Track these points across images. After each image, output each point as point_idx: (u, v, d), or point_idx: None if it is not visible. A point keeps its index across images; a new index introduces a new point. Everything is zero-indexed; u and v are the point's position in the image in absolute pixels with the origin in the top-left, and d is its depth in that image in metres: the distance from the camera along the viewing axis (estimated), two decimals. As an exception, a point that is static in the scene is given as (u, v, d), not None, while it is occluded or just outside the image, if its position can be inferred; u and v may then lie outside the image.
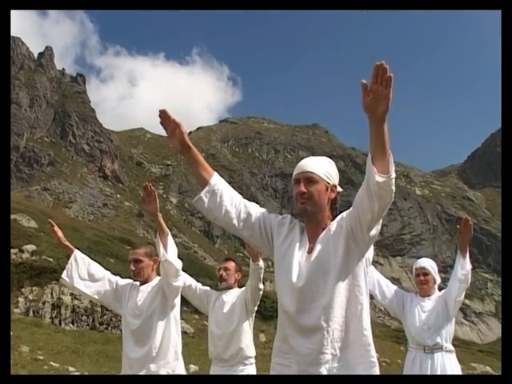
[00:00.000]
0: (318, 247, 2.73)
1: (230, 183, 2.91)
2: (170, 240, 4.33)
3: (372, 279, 4.90)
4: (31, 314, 20.06)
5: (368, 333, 2.71)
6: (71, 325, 19.79)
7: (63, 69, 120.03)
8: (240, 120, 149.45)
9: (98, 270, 4.84)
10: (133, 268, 4.61)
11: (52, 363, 14.04)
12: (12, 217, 34.79)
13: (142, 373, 4.39)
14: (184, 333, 18.52)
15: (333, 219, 2.80)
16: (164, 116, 2.70)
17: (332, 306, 2.63)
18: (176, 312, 4.62)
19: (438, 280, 4.97)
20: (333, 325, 2.63)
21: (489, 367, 23.47)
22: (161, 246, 4.26)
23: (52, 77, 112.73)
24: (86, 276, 4.75)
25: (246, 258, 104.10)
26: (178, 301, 4.62)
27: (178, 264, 4.33)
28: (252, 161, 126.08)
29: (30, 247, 26.57)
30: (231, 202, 2.80)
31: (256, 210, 2.88)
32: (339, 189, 2.85)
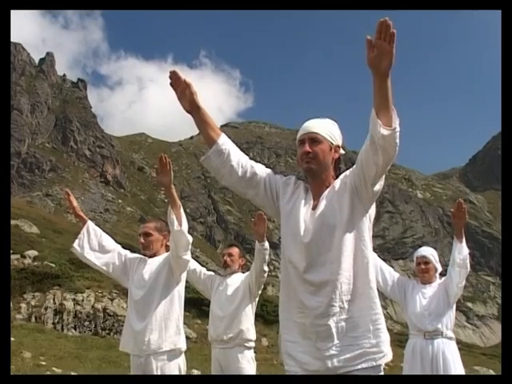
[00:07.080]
0: (322, 204, 2.81)
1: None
2: (183, 213, 4.33)
3: (375, 267, 4.90)
4: (33, 319, 20.04)
5: (374, 286, 2.77)
6: (73, 330, 19.78)
7: (64, 74, 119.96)
8: (241, 125, 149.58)
9: (109, 242, 4.83)
10: (142, 241, 4.61)
11: (54, 369, 14.01)
12: (14, 222, 34.78)
13: (145, 344, 4.35)
14: (186, 338, 18.46)
15: (336, 178, 2.90)
16: (174, 77, 2.73)
17: (339, 259, 2.70)
18: (181, 288, 4.60)
19: (440, 268, 5.00)
20: (341, 278, 2.69)
21: (492, 370, 23.39)
22: (174, 216, 4.25)
23: (53, 83, 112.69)
24: (97, 247, 4.74)
25: (248, 263, 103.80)
26: (183, 276, 4.60)
27: (189, 237, 4.34)
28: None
29: (32, 253, 26.56)
30: (238, 162, 2.86)
31: (262, 170, 2.95)
32: (342, 151, 2.95)
